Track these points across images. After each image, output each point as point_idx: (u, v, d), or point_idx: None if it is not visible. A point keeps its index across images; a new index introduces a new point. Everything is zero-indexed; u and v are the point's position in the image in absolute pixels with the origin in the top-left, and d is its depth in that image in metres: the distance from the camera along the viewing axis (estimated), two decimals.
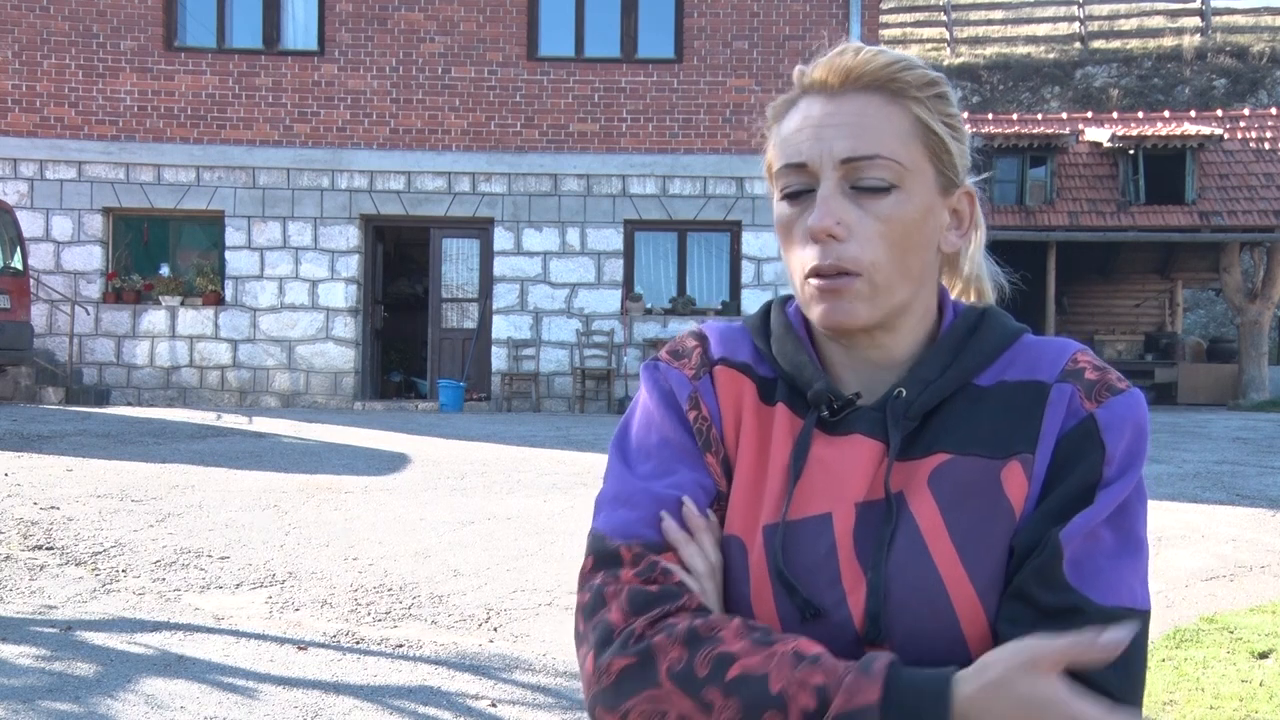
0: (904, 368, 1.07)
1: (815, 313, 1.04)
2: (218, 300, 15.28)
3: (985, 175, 1.23)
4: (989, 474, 1.00)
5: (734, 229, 15.43)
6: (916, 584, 0.97)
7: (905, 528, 0.99)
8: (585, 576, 1.03)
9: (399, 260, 18.04)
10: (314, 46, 15.43)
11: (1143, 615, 0.96)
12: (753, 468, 1.06)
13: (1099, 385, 1.02)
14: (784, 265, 1.10)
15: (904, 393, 1.03)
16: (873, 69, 1.04)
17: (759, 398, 1.09)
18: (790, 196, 1.06)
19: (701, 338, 1.13)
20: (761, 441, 1.07)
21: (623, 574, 1.00)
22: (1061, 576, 0.94)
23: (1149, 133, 18.63)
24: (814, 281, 1.03)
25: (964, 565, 0.97)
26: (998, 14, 29.04)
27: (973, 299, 1.18)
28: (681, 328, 15.16)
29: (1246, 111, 21.21)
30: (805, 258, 1.04)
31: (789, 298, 1.15)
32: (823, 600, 0.99)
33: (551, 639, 4.81)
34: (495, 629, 4.96)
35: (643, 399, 1.11)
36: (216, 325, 15.25)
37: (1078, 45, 28.73)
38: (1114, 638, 0.87)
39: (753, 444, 1.07)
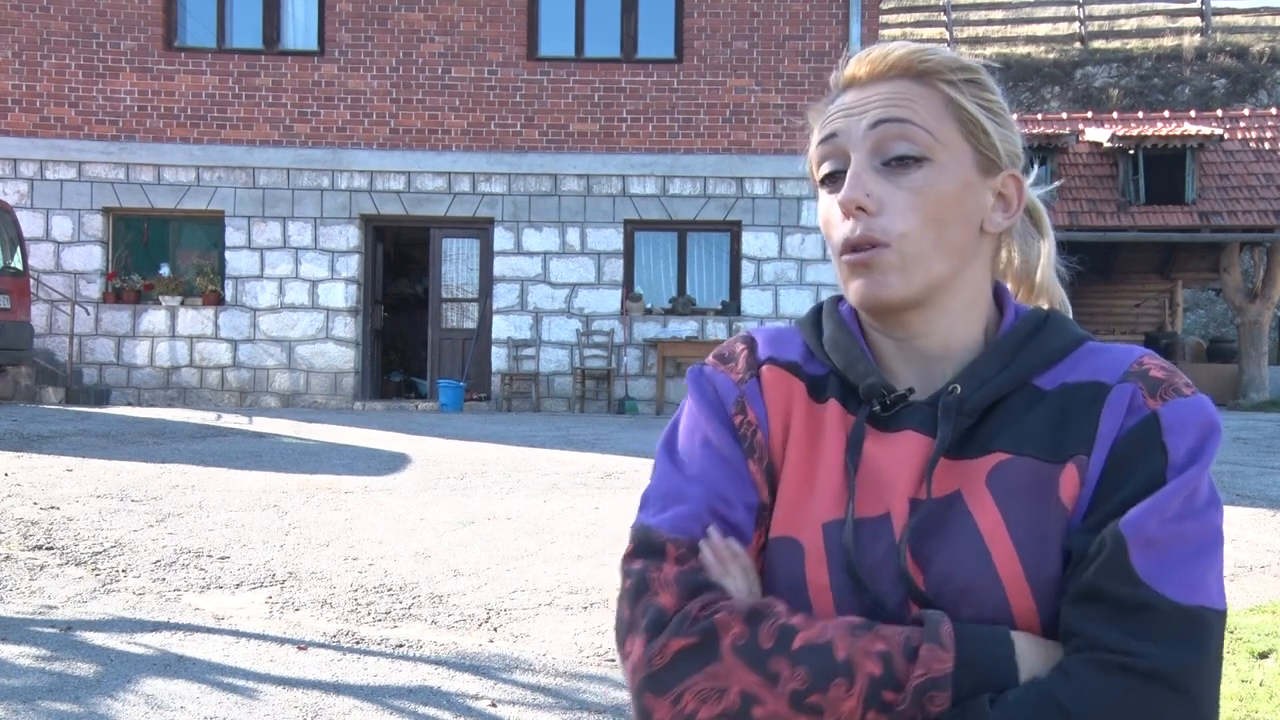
0: (959, 363, 1.06)
1: (851, 290, 1.04)
2: (218, 300, 15.28)
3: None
4: (1045, 476, 0.98)
5: (734, 229, 15.42)
6: (974, 582, 0.96)
7: (963, 526, 0.98)
8: (627, 562, 1.02)
9: (399, 260, 18.03)
10: (314, 46, 15.43)
11: (1220, 615, 0.93)
12: (803, 466, 1.05)
13: (1165, 385, 0.99)
14: (784, 265, 1.11)
15: (959, 389, 1.02)
16: (897, 57, 1.06)
17: (809, 396, 1.08)
18: (827, 183, 1.07)
19: (749, 341, 1.12)
20: (812, 439, 1.06)
21: (667, 567, 1.00)
22: (1131, 571, 0.91)
23: (1149, 133, 18.63)
24: (846, 257, 1.04)
25: (1022, 566, 0.96)
26: (998, 14, 29.04)
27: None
28: (681, 328, 15.16)
29: (1246, 111, 21.20)
30: (839, 235, 1.04)
31: (840, 297, 1.15)
32: (887, 601, 0.98)
33: (551, 639, 4.81)
34: (495, 629, 4.96)
35: (689, 405, 1.10)
36: (216, 325, 15.24)
37: (1078, 45, 28.73)
38: None
39: (803, 442, 1.06)
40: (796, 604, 1.00)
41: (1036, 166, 1.14)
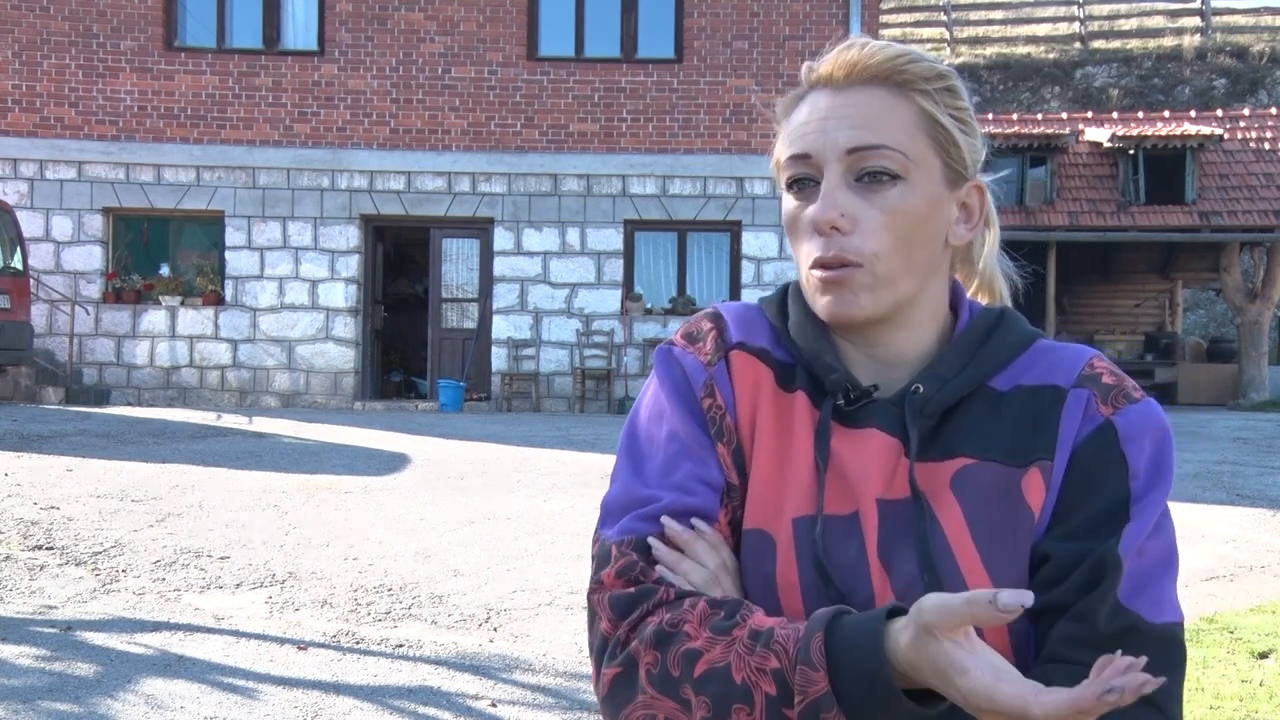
0: (917, 365, 1.06)
1: (820, 305, 1.04)
2: (218, 300, 15.28)
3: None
4: (1010, 481, 0.99)
5: (734, 229, 15.43)
6: (939, 587, 0.95)
7: (930, 530, 0.99)
8: (590, 588, 1.03)
9: (399, 260, 18.04)
10: (314, 46, 15.43)
11: (1182, 626, 0.99)
12: (773, 458, 1.04)
13: (1115, 391, 1.01)
14: (784, 265, 1.10)
15: (921, 389, 1.02)
16: (877, 62, 1.04)
17: (777, 384, 1.07)
18: (795, 186, 1.05)
19: (717, 319, 1.10)
20: (781, 430, 1.05)
21: (606, 576, 1.00)
22: (1116, 595, 0.94)
23: (1149, 133, 18.63)
24: (817, 273, 1.03)
25: (987, 571, 0.97)
26: (998, 14, 29.04)
27: (986, 299, 1.18)
28: None
29: (1246, 111, 21.20)
30: (809, 250, 1.03)
31: None
32: (854, 599, 0.98)
33: (551, 639, 4.81)
34: (495, 629, 4.96)
35: (654, 387, 1.09)
36: (216, 325, 15.25)
37: (1078, 45, 28.73)
38: (1011, 600, 0.79)
39: (771, 433, 1.05)
40: (766, 600, 0.99)
41: (986, 150, 1.12)
